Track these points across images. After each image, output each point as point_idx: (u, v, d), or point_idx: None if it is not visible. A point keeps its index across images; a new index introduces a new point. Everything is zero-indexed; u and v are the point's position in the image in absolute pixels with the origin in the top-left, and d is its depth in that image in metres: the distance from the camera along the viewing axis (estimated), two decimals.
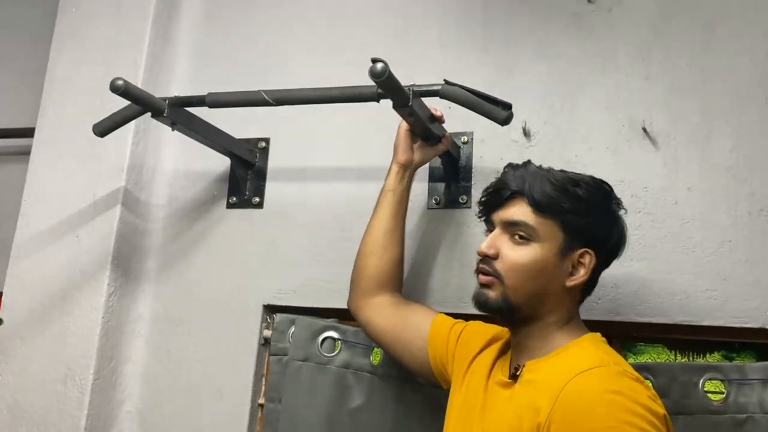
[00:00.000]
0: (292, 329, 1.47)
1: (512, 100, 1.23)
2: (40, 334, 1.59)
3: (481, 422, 1.04)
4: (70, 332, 1.56)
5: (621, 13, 1.45)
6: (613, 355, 1.02)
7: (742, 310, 1.26)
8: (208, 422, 1.53)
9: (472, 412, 1.07)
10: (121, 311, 1.59)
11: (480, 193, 1.42)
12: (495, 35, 1.53)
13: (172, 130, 1.44)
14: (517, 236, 1.06)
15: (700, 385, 1.23)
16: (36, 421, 1.54)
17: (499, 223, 1.09)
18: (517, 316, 1.06)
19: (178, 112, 1.39)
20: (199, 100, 1.38)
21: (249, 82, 1.62)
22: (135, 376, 1.60)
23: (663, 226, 1.33)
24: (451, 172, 1.47)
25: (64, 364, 1.54)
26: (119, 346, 1.59)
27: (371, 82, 1.13)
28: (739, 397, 1.21)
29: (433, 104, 1.30)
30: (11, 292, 1.64)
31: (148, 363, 1.61)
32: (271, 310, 1.56)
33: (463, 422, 1.08)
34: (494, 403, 1.05)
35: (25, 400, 1.56)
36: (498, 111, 1.22)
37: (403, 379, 1.38)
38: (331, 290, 1.49)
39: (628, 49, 1.43)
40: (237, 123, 1.62)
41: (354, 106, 1.33)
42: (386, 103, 1.22)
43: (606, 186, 1.12)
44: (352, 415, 1.40)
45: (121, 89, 1.30)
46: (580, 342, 1.04)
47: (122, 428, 1.58)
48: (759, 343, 1.33)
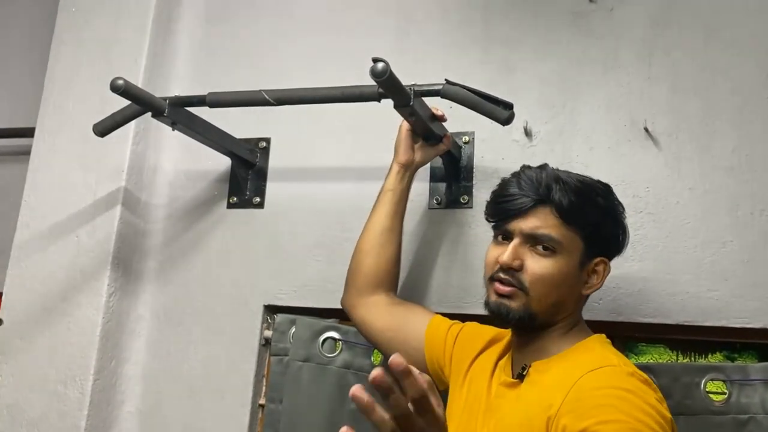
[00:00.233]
0: (293, 329, 1.47)
1: (513, 100, 1.23)
2: (41, 335, 1.58)
3: (487, 423, 1.04)
4: (70, 332, 1.56)
5: (622, 13, 1.45)
6: (621, 356, 1.02)
7: (743, 311, 1.26)
8: (209, 423, 1.52)
9: (476, 414, 1.07)
10: (121, 311, 1.59)
11: (481, 193, 1.44)
12: (496, 35, 1.53)
13: (173, 130, 1.43)
14: (540, 247, 1.03)
15: (702, 386, 1.23)
16: (36, 421, 1.53)
17: (519, 233, 1.04)
18: (533, 325, 1.05)
19: (178, 112, 1.39)
20: (200, 100, 1.38)
21: (250, 82, 1.62)
22: (135, 377, 1.60)
23: (664, 227, 1.33)
24: (452, 172, 1.47)
25: (65, 364, 1.54)
26: (119, 346, 1.58)
27: (372, 82, 1.12)
28: (741, 398, 1.21)
29: (435, 104, 1.30)
30: (11, 293, 1.64)
31: (148, 363, 1.61)
32: (271, 310, 1.56)
33: (466, 424, 1.08)
34: (500, 404, 1.04)
35: (25, 401, 1.55)
36: (499, 111, 1.22)
37: None
38: (332, 290, 1.49)
39: (629, 48, 1.43)
40: (238, 123, 1.61)
41: (355, 105, 1.32)
42: (387, 103, 1.22)
43: (613, 191, 1.11)
44: (352, 416, 1.40)
45: (122, 89, 1.30)
46: (588, 343, 1.05)
47: (122, 429, 1.57)
48: (761, 344, 1.33)
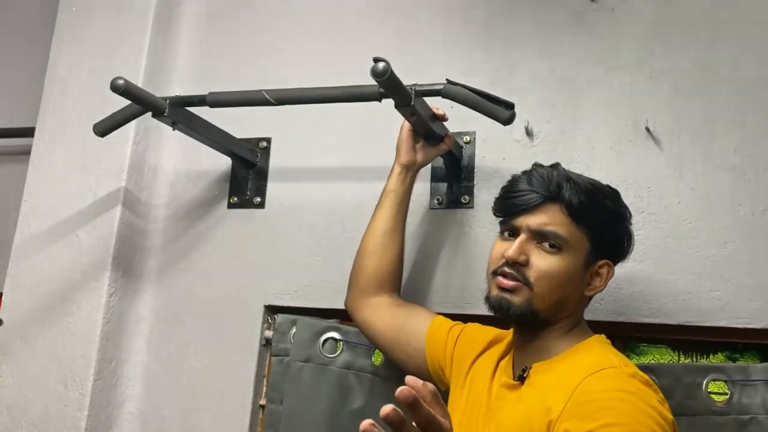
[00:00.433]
0: (294, 330, 1.47)
1: (515, 100, 1.22)
2: (41, 335, 1.58)
3: (487, 425, 1.03)
4: (70, 333, 1.55)
5: (624, 13, 1.45)
6: (622, 357, 1.02)
7: (745, 311, 1.26)
8: (209, 423, 1.52)
9: (477, 415, 1.07)
10: (121, 312, 1.59)
11: (482, 193, 1.44)
12: (497, 34, 1.53)
13: (173, 129, 1.43)
14: (547, 244, 1.03)
15: (704, 386, 1.22)
16: (36, 422, 1.53)
17: (526, 229, 1.04)
18: (534, 322, 1.05)
19: (178, 112, 1.39)
20: (200, 100, 1.38)
21: (250, 82, 1.61)
22: (136, 377, 1.60)
23: (666, 227, 1.33)
24: (453, 172, 1.47)
25: (65, 364, 1.54)
26: (120, 346, 1.58)
27: (373, 82, 1.12)
28: (743, 398, 1.21)
29: (436, 104, 1.30)
30: (11, 293, 1.64)
31: (148, 364, 1.60)
32: (272, 310, 1.56)
33: (467, 426, 1.08)
34: (500, 405, 1.04)
35: (25, 401, 1.55)
36: (500, 110, 1.22)
37: None
38: (333, 291, 1.49)
39: (631, 48, 1.42)
40: (238, 123, 1.61)
41: (356, 105, 1.32)
42: (388, 103, 1.22)
43: (621, 198, 1.11)
44: (353, 416, 1.39)
45: (122, 88, 1.29)
46: (588, 344, 1.04)
47: (123, 429, 1.57)
48: (762, 344, 1.32)
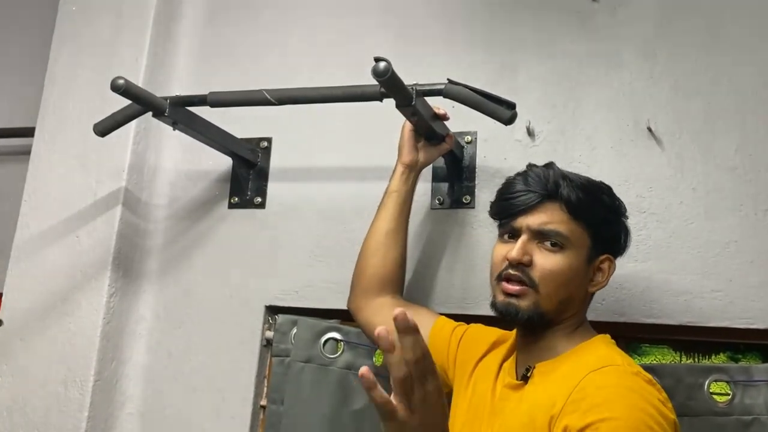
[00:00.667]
0: (295, 330, 1.47)
1: (516, 100, 1.22)
2: (41, 335, 1.58)
3: (491, 425, 1.03)
4: (70, 333, 1.55)
5: (625, 12, 1.44)
6: (625, 357, 1.01)
7: (747, 311, 1.25)
8: (210, 424, 1.51)
9: (480, 416, 1.06)
10: (122, 312, 1.59)
11: (483, 193, 1.43)
12: (499, 34, 1.53)
13: (174, 129, 1.43)
14: (548, 243, 1.03)
15: (706, 387, 1.22)
16: (36, 422, 1.53)
17: (527, 229, 1.04)
18: (541, 323, 1.04)
19: (179, 112, 1.39)
20: (201, 100, 1.37)
21: (251, 82, 1.61)
22: (136, 378, 1.59)
23: (668, 227, 1.32)
24: (454, 172, 1.46)
25: (65, 365, 1.53)
26: (120, 347, 1.58)
27: (374, 82, 1.12)
28: (745, 399, 1.21)
29: (437, 104, 1.29)
30: (11, 293, 1.63)
31: (149, 364, 1.60)
32: (273, 311, 1.55)
33: (470, 426, 1.07)
34: (504, 406, 1.04)
35: (25, 402, 1.55)
36: (502, 110, 1.21)
37: None
38: (334, 291, 1.48)
39: (632, 48, 1.42)
40: (239, 122, 1.61)
41: (357, 105, 1.32)
42: (389, 103, 1.22)
43: (614, 191, 1.12)
44: (354, 417, 1.39)
45: (122, 88, 1.29)
46: (592, 343, 1.04)
47: (123, 430, 1.57)
48: (765, 344, 1.32)
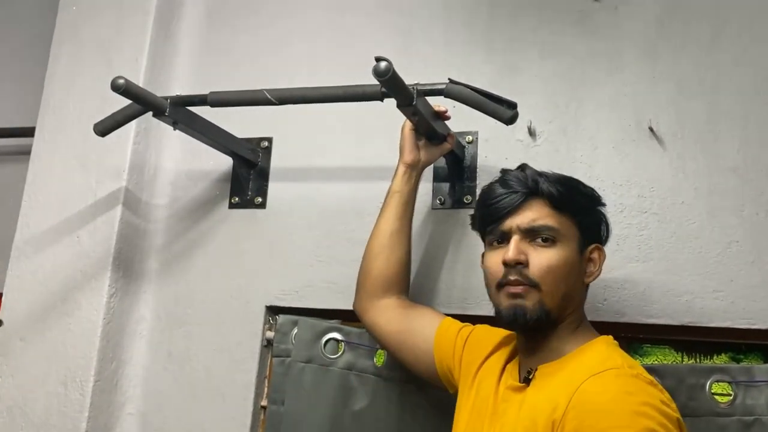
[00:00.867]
0: (295, 330, 1.46)
1: (517, 100, 1.22)
2: (41, 336, 1.58)
3: (493, 427, 1.03)
4: (70, 333, 1.55)
5: (627, 12, 1.44)
6: (627, 358, 1.01)
7: (749, 311, 1.25)
8: (210, 424, 1.51)
9: (483, 418, 1.06)
10: (122, 312, 1.58)
11: None
12: (500, 34, 1.52)
13: (174, 129, 1.43)
14: (540, 239, 1.03)
15: (707, 387, 1.22)
16: (36, 423, 1.52)
17: (516, 230, 1.04)
18: (547, 322, 1.03)
19: (179, 111, 1.38)
20: (201, 99, 1.37)
21: (251, 81, 1.61)
22: (136, 378, 1.59)
23: (669, 227, 1.32)
24: (455, 172, 1.46)
25: (65, 365, 1.53)
26: (120, 347, 1.58)
27: (375, 81, 1.11)
28: (747, 399, 1.20)
29: (438, 104, 1.29)
30: (11, 293, 1.63)
31: (149, 365, 1.60)
32: (273, 311, 1.55)
33: (473, 427, 1.07)
34: (506, 408, 1.03)
35: (25, 402, 1.55)
36: (503, 110, 1.21)
37: (407, 381, 1.37)
38: (335, 291, 1.48)
39: (634, 47, 1.42)
40: (239, 122, 1.60)
41: (357, 105, 1.31)
42: (390, 102, 1.21)
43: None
44: (355, 417, 1.39)
45: (122, 88, 1.29)
46: (594, 345, 1.03)
47: (123, 430, 1.56)
48: (766, 345, 1.32)
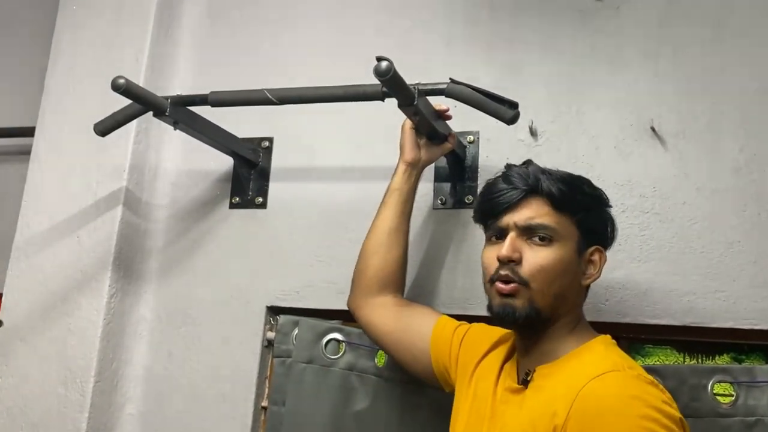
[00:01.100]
0: (296, 331, 1.46)
1: (519, 99, 1.21)
2: (41, 336, 1.57)
3: (492, 430, 1.02)
4: (70, 334, 1.55)
5: (628, 11, 1.44)
6: (626, 358, 1.00)
7: (751, 312, 1.25)
8: (211, 425, 1.51)
9: (481, 420, 1.05)
10: (122, 313, 1.58)
11: None
12: (501, 33, 1.52)
13: (174, 129, 1.43)
14: (537, 238, 1.02)
15: (709, 388, 1.21)
16: (36, 423, 1.52)
17: (513, 227, 1.04)
18: (539, 321, 1.03)
19: (180, 111, 1.38)
20: (202, 99, 1.37)
21: (252, 81, 1.60)
22: (136, 379, 1.59)
23: (671, 227, 1.32)
24: (456, 172, 1.46)
25: (65, 366, 1.53)
26: (121, 347, 1.57)
27: (376, 81, 1.11)
28: (749, 400, 1.20)
29: (439, 103, 1.29)
30: (11, 294, 1.63)
31: (149, 365, 1.59)
32: (274, 311, 1.55)
33: (473, 428, 1.06)
34: (504, 410, 1.03)
35: (25, 403, 1.54)
36: (504, 110, 1.21)
37: (408, 382, 1.36)
38: (336, 291, 1.48)
39: (635, 47, 1.42)
40: (240, 122, 1.60)
41: (358, 105, 1.31)
42: (391, 102, 1.21)
43: (594, 184, 1.13)
44: (356, 418, 1.39)
45: (123, 88, 1.29)
46: (592, 345, 1.03)
47: (123, 431, 1.56)
48: None
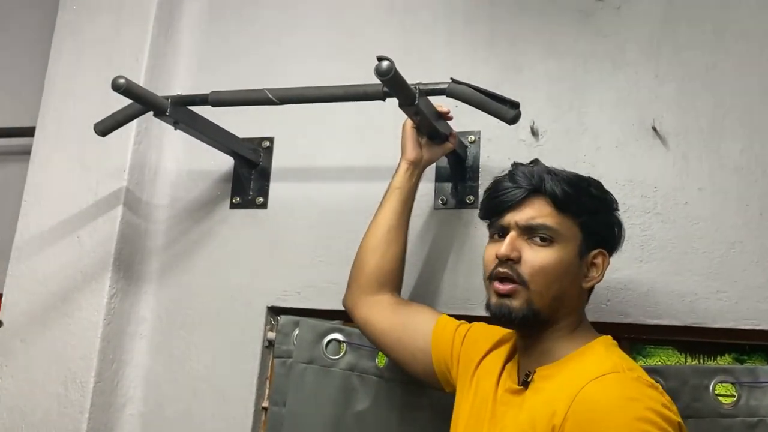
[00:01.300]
0: (297, 331, 1.46)
1: (520, 99, 1.21)
2: (41, 336, 1.57)
3: (492, 430, 1.02)
4: (71, 334, 1.54)
5: (629, 11, 1.44)
6: (627, 360, 1.00)
7: (753, 312, 1.25)
8: (211, 425, 1.51)
9: (482, 421, 1.05)
10: (122, 313, 1.58)
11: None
12: (502, 33, 1.52)
13: (175, 129, 1.43)
14: (537, 238, 1.02)
15: (711, 388, 1.21)
16: (36, 424, 1.52)
17: (515, 226, 1.03)
18: (537, 322, 1.03)
19: (180, 111, 1.38)
20: (202, 99, 1.37)
21: (252, 81, 1.60)
22: (137, 379, 1.59)
23: (673, 227, 1.31)
24: (457, 172, 1.45)
25: (65, 366, 1.53)
26: (121, 348, 1.57)
27: (377, 81, 1.11)
28: (751, 400, 1.19)
29: (440, 104, 1.29)
30: (11, 294, 1.63)
31: (150, 365, 1.59)
32: (275, 311, 1.55)
33: (473, 429, 1.06)
34: (505, 411, 1.02)
35: (25, 403, 1.54)
36: (505, 110, 1.21)
37: (409, 383, 1.36)
38: (336, 292, 1.46)
39: (637, 46, 1.41)
40: (240, 122, 1.60)
41: (359, 104, 1.31)
42: (392, 102, 1.21)
43: (604, 187, 1.11)
44: (357, 419, 1.38)
45: (123, 87, 1.28)
46: (593, 346, 1.02)
47: (124, 431, 1.56)
48: None
